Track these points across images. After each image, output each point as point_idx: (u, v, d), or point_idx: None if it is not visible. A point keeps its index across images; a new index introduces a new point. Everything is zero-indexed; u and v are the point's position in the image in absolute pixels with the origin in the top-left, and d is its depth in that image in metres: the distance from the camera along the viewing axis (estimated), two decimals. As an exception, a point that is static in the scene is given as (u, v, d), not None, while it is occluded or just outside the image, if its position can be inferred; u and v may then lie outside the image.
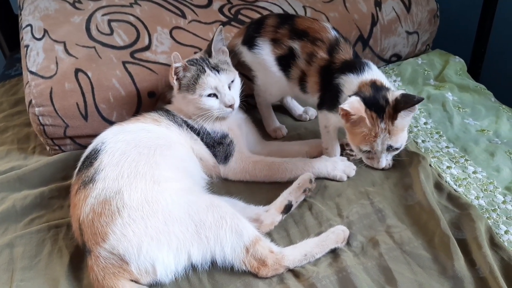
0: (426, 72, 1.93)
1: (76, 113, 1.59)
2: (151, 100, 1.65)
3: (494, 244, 1.21)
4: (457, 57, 1.99)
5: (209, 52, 1.50)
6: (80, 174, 1.30)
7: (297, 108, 1.76)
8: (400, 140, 1.28)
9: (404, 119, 1.26)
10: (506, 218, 1.30)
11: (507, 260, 1.17)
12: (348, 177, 1.45)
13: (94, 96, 1.59)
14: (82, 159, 1.37)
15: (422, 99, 1.24)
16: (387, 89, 1.29)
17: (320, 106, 1.46)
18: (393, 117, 1.24)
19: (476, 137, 1.58)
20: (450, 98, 1.76)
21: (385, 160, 1.34)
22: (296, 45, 1.45)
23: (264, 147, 1.60)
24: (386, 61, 1.99)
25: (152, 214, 1.18)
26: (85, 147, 1.44)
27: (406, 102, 1.23)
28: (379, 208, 1.34)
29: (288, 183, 1.41)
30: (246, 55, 1.57)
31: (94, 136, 1.43)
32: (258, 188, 1.46)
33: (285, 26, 1.48)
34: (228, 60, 1.52)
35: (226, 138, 1.49)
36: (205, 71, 1.44)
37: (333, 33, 1.44)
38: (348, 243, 1.25)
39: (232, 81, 1.49)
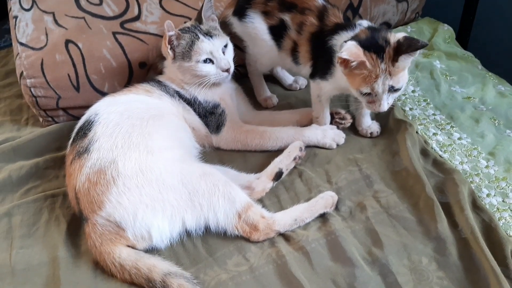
0: (415, 40, 1.94)
1: (68, 84, 1.60)
2: (142, 70, 1.66)
3: (476, 206, 1.26)
4: (446, 25, 2.00)
5: (199, 20, 1.51)
6: (75, 145, 1.32)
7: (288, 78, 1.77)
8: (402, 80, 1.26)
9: (405, 61, 1.24)
10: (488, 182, 1.35)
11: (488, 222, 1.22)
12: (337, 144, 1.49)
13: (85, 67, 1.60)
14: (75, 130, 1.39)
15: (427, 44, 1.21)
16: (387, 31, 1.29)
17: (312, 75, 1.47)
18: (393, 59, 1.23)
19: (462, 104, 1.61)
20: (438, 66, 1.78)
21: (387, 103, 1.29)
22: (286, 17, 1.46)
23: (255, 116, 1.63)
24: (375, 29, 1.99)
25: (147, 183, 1.21)
26: (78, 118, 1.45)
27: (409, 46, 1.21)
28: (367, 174, 1.38)
29: (279, 151, 1.44)
30: (237, 26, 1.58)
31: (86, 107, 1.45)
32: (249, 156, 1.49)
33: (274, 0, 1.48)
34: (218, 26, 1.53)
35: (218, 107, 1.51)
36: (199, 37, 1.45)
37: (320, 1, 1.45)
38: (336, 208, 1.29)
39: (225, 46, 1.50)
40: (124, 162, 1.23)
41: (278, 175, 1.39)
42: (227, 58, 1.48)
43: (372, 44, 1.24)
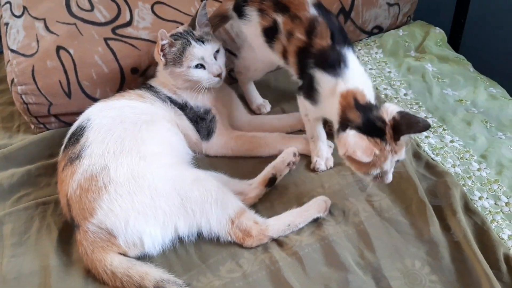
0: (407, 43, 1.95)
1: (59, 91, 1.59)
2: (134, 76, 1.65)
3: (469, 209, 1.27)
4: (437, 28, 2.01)
5: (192, 25, 1.51)
6: (67, 151, 1.32)
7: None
8: (404, 150, 1.20)
9: (406, 137, 1.18)
10: (481, 185, 1.35)
11: (480, 224, 1.23)
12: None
13: (76, 73, 1.59)
14: (67, 136, 1.38)
15: (429, 125, 1.17)
16: (376, 107, 1.20)
17: (298, 90, 1.39)
18: (395, 138, 1.16)
19: (454, 107, 1.62)
20: (430, 69, 1.78)
21: (391, 174, 1.22)
22: (279, 18, 1.39)
23: (250, 121, 1.62)
24: (368, 33, 2.00)
25: (139, 189, 1.21)
26: (70, 124, 1.45)
27: (409, 127, 1.15)
28: (359, 178, 1.37)
29: (272, 157, 1.43)
30: (236, 22, 1.53)
31: (78, 113, 1.44)
32: (243, 162, 1.49)
33: None
34: (211, 32, 1.53)
35: (209, 113, 1.50)
36: (191, 43, 1.45)
37: (311, 11, 1.33)
38: (330, 213, 1.29)
39: (217, 51, 1.50)
40: (116, 168, 1.23)
41: (271, 181, 1.38)
42: (219, 63, 1.48)
43: (371, 128, 1.16)
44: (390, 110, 1.17)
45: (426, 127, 1.17)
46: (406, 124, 1.15)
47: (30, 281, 1.19)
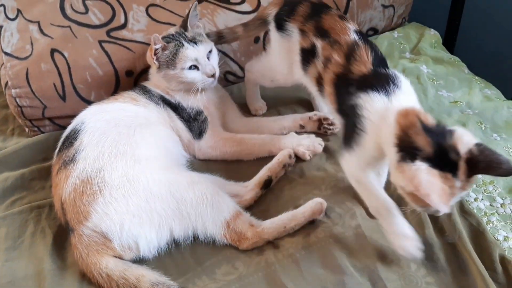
0: (402, 45, 1.95)
1: (54, 94, 1.58)
2: (129, 79, 1.65)
3: (464, 211, 1.27)
4: (432, 29, 2.01)
5: (184, 27, 1.51)
6: (61, 155, 1.31)
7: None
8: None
9: None
10: (476, 186, 1.35)
11: (476, 226, 1.23)
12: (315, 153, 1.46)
13: (71, 76, 1.58)
14: (61, 139, 1.38)
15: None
16: (450, 132, 0.99)
17: (344, 148, 1.17)
18: (468, 174, 0.97)
19: (449, 109, 1.62)
20: (425, 70, 1.79)
21: None
22: (318, 43, 1.28)
23: (245, 124, 1.61)
24: (363, 35, 2.00)
25: (134, 192, 1.20)
26: (65, 127, 1.44)
27: (488, 167, 0.96)
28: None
29: (268, 160, 1.43)
30: (273, 31, 1.45)
31: (73, 116, 1.44)
32: (237, 165, 1.49)
33: (312, 21, 1.32)
34: (203, 33, 1.53)
35: (201, 114, 1.50)
36: (184, 45, 1.45)
37: (352, 36, 1.23)
38: (326, 215, 1.28)
39: (210, 52, 1.50)
40: (110, 171, 1.23)
41: (267, 183, 1.38)
42: (212, 64, 1.48)
43: (443, 160, 0.96)
44: (465, 140, 0.98)
45: (509, 172, 0.97)
46: (486, 164, 0.96)
47: (24, 285, 1.18)
